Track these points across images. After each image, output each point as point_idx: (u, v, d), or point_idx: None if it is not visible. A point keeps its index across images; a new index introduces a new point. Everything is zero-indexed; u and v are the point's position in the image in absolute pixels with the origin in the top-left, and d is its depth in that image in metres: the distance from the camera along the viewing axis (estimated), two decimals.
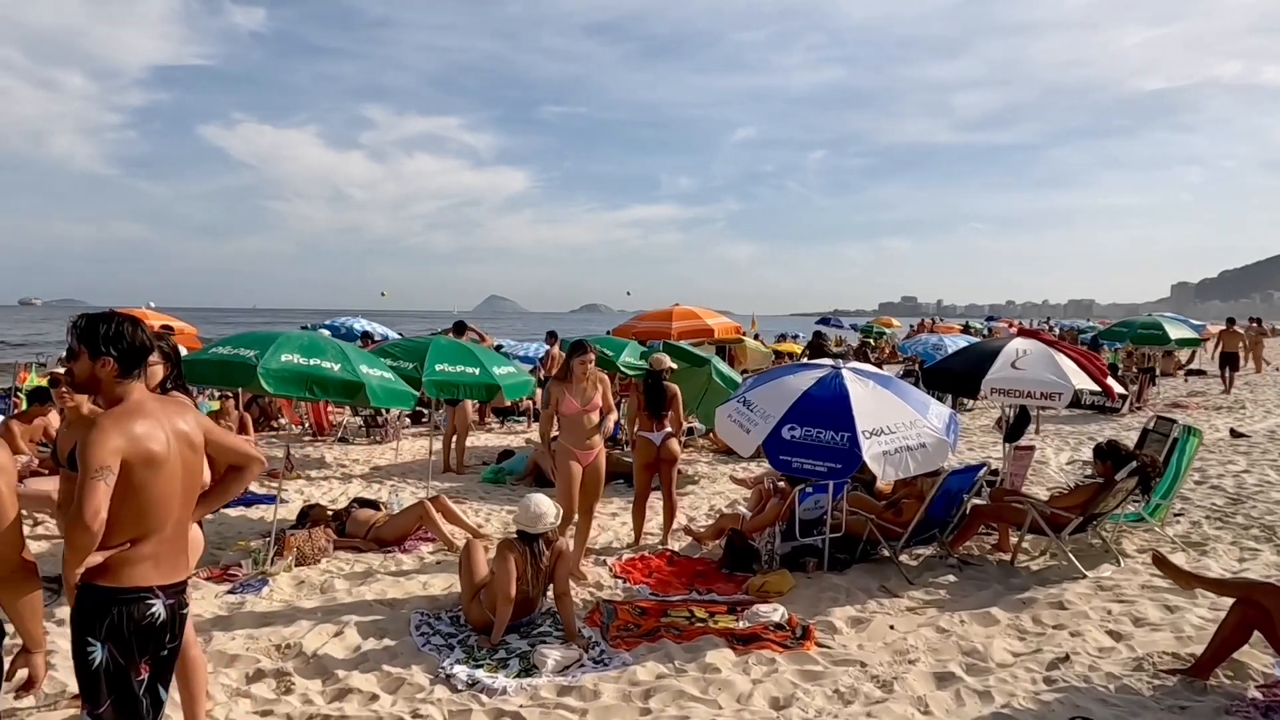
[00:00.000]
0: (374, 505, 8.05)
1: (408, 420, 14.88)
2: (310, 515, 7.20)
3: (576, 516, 5.92)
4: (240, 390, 7.69)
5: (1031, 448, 7.18)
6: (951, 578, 5.88)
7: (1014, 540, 6.21)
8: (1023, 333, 6.79)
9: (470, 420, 10.48)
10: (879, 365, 17.66)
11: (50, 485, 7.11)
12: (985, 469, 6.08)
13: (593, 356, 5.73)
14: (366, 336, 14.44)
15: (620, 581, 6.00)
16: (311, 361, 5.78)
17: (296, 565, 6.33)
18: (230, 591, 5.78)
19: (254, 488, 9.06)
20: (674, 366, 7.25)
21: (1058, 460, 10.53)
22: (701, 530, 7.21)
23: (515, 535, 4.89)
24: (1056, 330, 31.72)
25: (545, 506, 4.80)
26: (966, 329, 27.50)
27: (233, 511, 8.02)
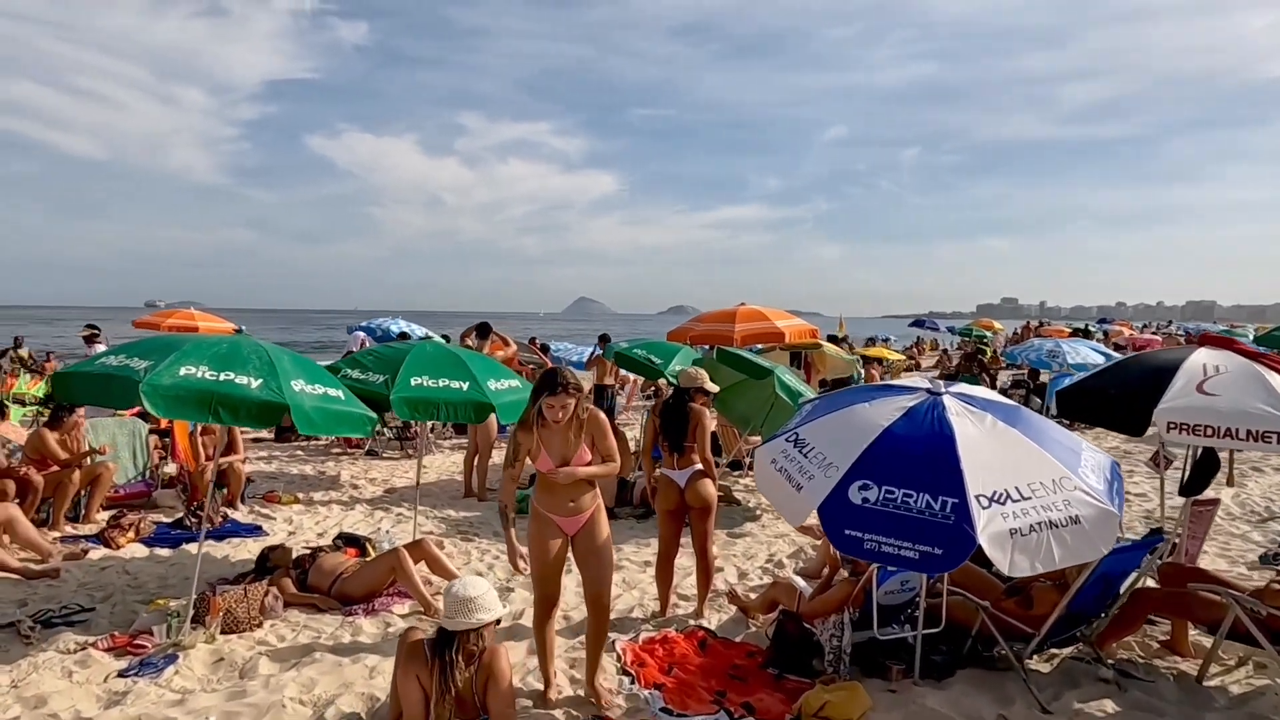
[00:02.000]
0: (359, 544, 6.69)
1: (450, 430, 13.64)
2: (271, 559, 5.86)
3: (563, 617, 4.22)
4: None
5: (1215, 502, 5.16)
6: (1109, 703, 3.99)
7: (1191, 633, 4.28)
8: (1208, 341, 4.77)
9: (494, 437, 9.02)
10: (990, 380, 15.26)
11: None
12: (1164, 544, 4.15)
13: (570, 399, 3.77)
14: (403, 338, 13.30)
15: (627, 681, 4.37)
16: (222, 376, 4.39)
17: (225, 632, 4.97)
18: (123, 672, 4.45)
19: (240, 516, 7.87)
20: (712, 387, 5.54)
21: (1241, 510, 8.28)
22: (750, 599, 5.50)
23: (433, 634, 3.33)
24: (1181, 334, 28.11)
25: (479, 589, 3.23)
26: (1084, 333, 24.51)
27: (195, 547, 6.80)
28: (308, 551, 6.12)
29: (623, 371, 11.75)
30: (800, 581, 5.01)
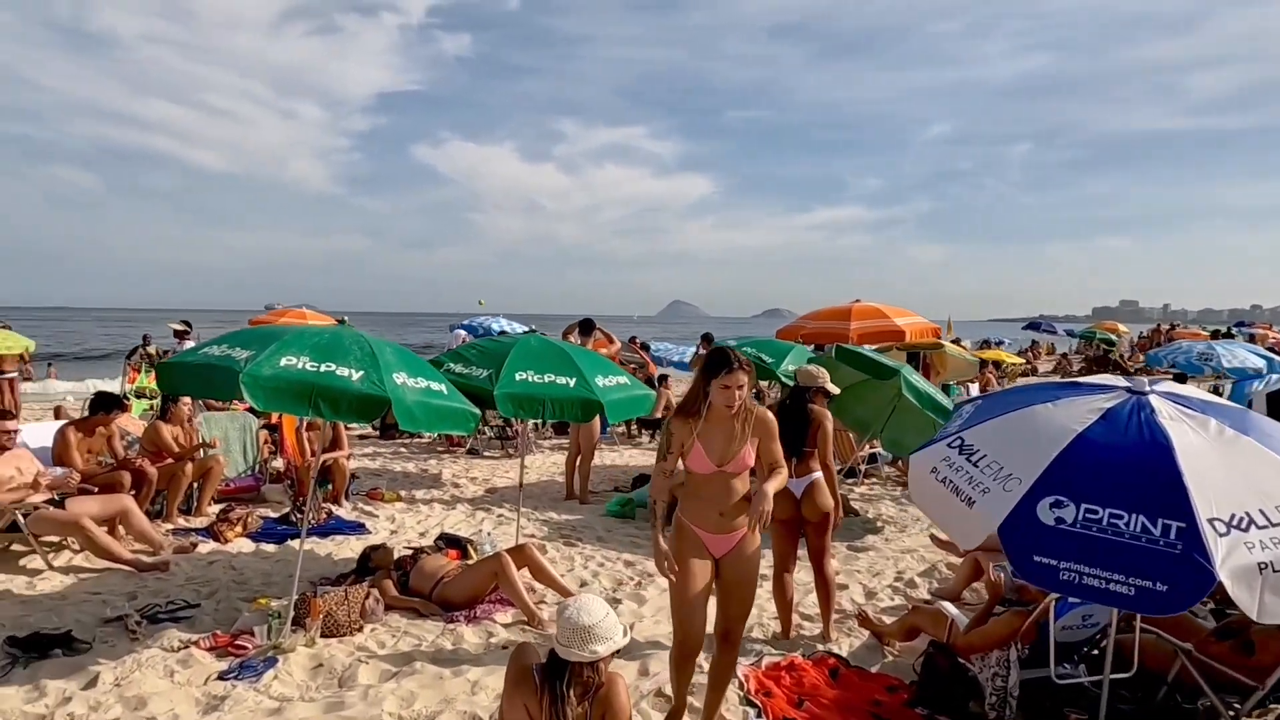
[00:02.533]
0: (461, 546, 6.45)
1: (550, 430, 13.45)
2: (372, 559, 5.66)
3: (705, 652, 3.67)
4: None
5: None
6: None
7: None
8: None
9: (596, 438, 8.68)
10: None
11: (92, 507, 6.05)
12: None
13: (743, 376, 3.29)
14: (503, 336, 13.18)
15: (753, 713, 3.89)
16: (323, 367, 4.15)
17: (325, 636, 4.76)
18: (223, 674, 4.28)
19: (344, 512, 7.79)
20: (833, 388, 5.01)
21: None
22: (884, 623, 4.92)
23: (544, 660, 2.92)
24: None
25: (596, 615, 2.82)
26: (1225, 336, 22.36)
27: (299, 543, 6.72)
28: (409, 552, 5.90)
29: None
30: (951, 608, 4.40)
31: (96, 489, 6.30)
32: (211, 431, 8.09)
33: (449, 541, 6.55)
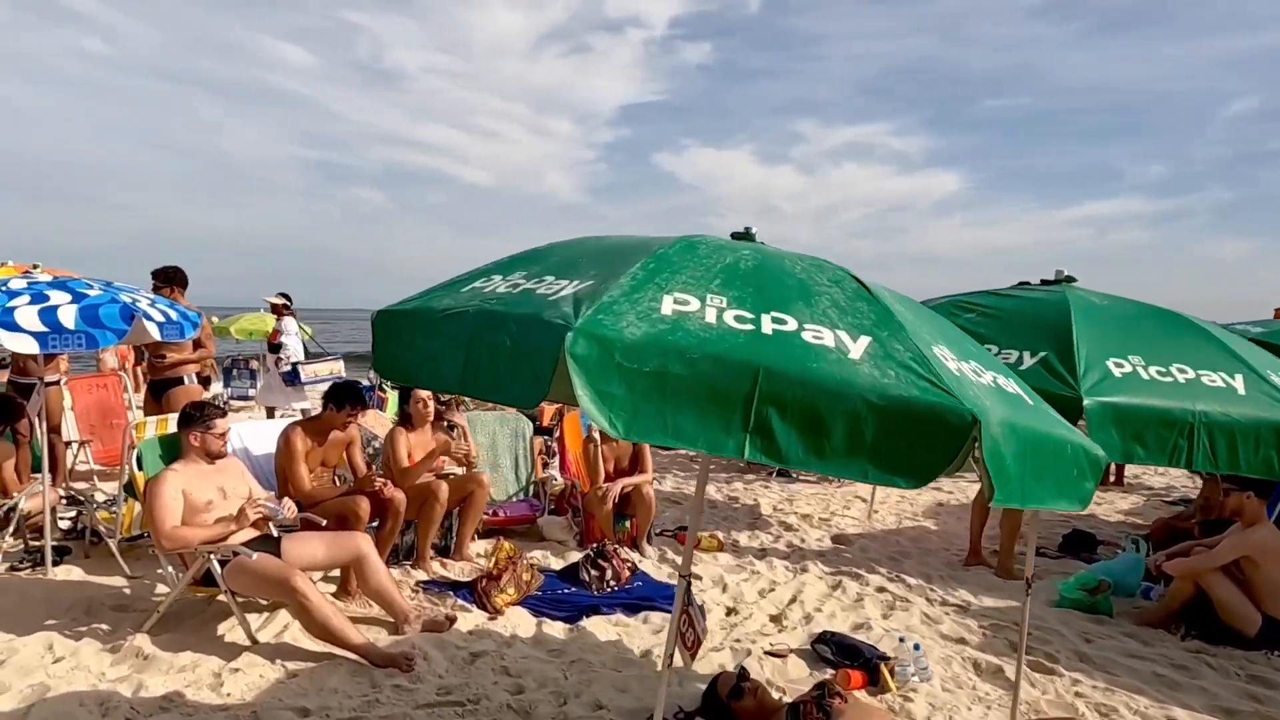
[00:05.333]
0: (869, 666, 3.69)
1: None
2: (728, 698, 3.06)
3: None
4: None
5: None
6: None
7: None
8: None
9: None
10: None
11: (315, 552, 4.02)
12: None
13: None
14: None
15: None
16: (773, 324, 1.48)
17: None
18: None
19: (651, 565, 5.33)
20: None
21: None
22: None
23: None
24: None
25: None
26: None
27: (604, 625, 4.28)
28: (806, 695, 3.22)
29: None
30: None
31: (325, 521, 4.29)
32: (476, 438, 6.02)
33: (842, 652, 3.84)
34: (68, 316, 4.08)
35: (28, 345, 3.96)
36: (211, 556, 3.78)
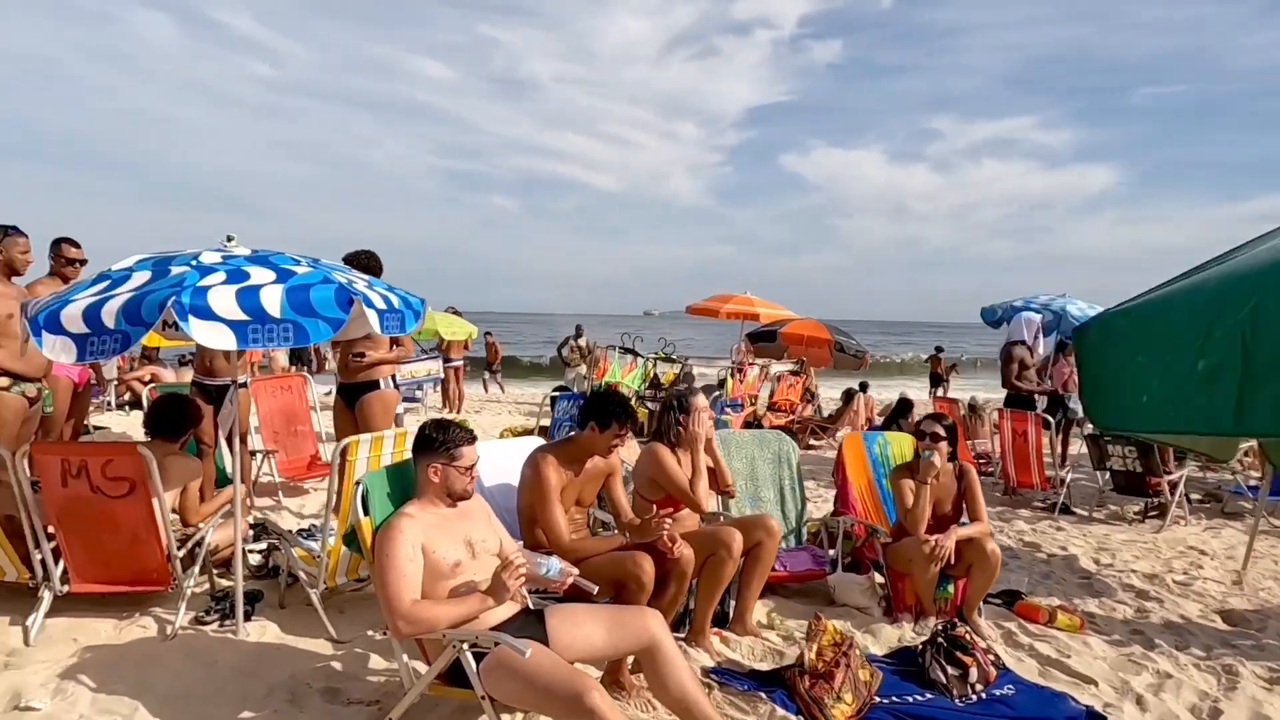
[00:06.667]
0: None
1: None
2: None
3: None
4: None
5: None
6: None
7: None
8: None
9: None
10: None
11: (594, 637, 2.80)
12: None
13: None
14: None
15: None
16: None
17: None
18: None
19: (1008, 657, 3.82)
20: None
21: None
22: None
23: None
24: None
25: None
26: None
27: None
28: None
29: None
30: None
31: (596, 588, 3.04)
32: (731, 463, 4.68)
33: None
34: (272, 300, 3.03)
35: (223, 339, 2.93)
36: (464, 646, 2.60)
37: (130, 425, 8.88)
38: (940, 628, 3.61)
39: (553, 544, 3.31)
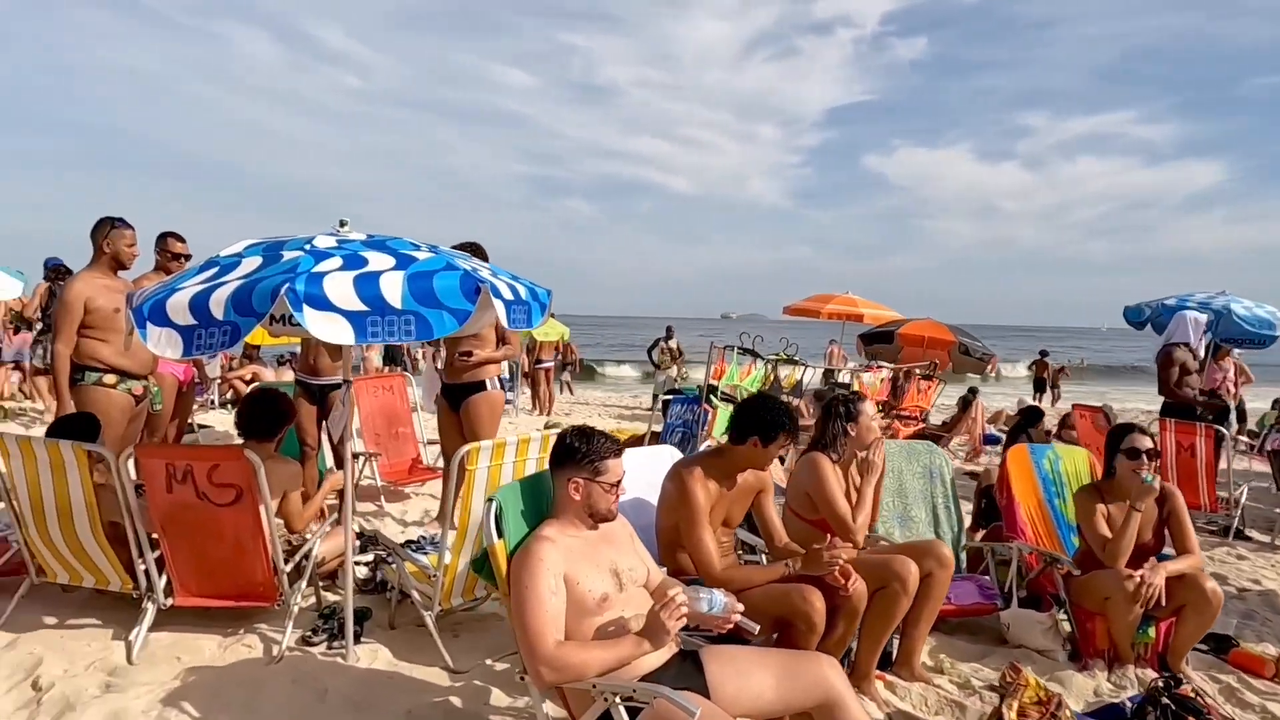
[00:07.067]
0: None
1: None
2: None
3: None
4: None
5: None
6: None
7: None
8: None
9: None
10: None
11: (762, 682, 2.33)
12: None
13: None
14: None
15: None
16: None
17: None
18: None
19: None
20: None
21: None
22: None
23: None
24: None
25: None
26: None
27: None
28: None
29: None
30: None
31: (757, 628, 2.57)
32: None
33: None
34: (393, 289, 2.67)
35: (340, 333, 2.58)
36: (617, 700, 2.18)
37: (230, 423, 8.88)
38: (1160, 684, 3.00)
39: (701, 571, 2.86)
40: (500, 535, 2.43)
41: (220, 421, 9.18)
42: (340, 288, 2.62)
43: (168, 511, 3.23)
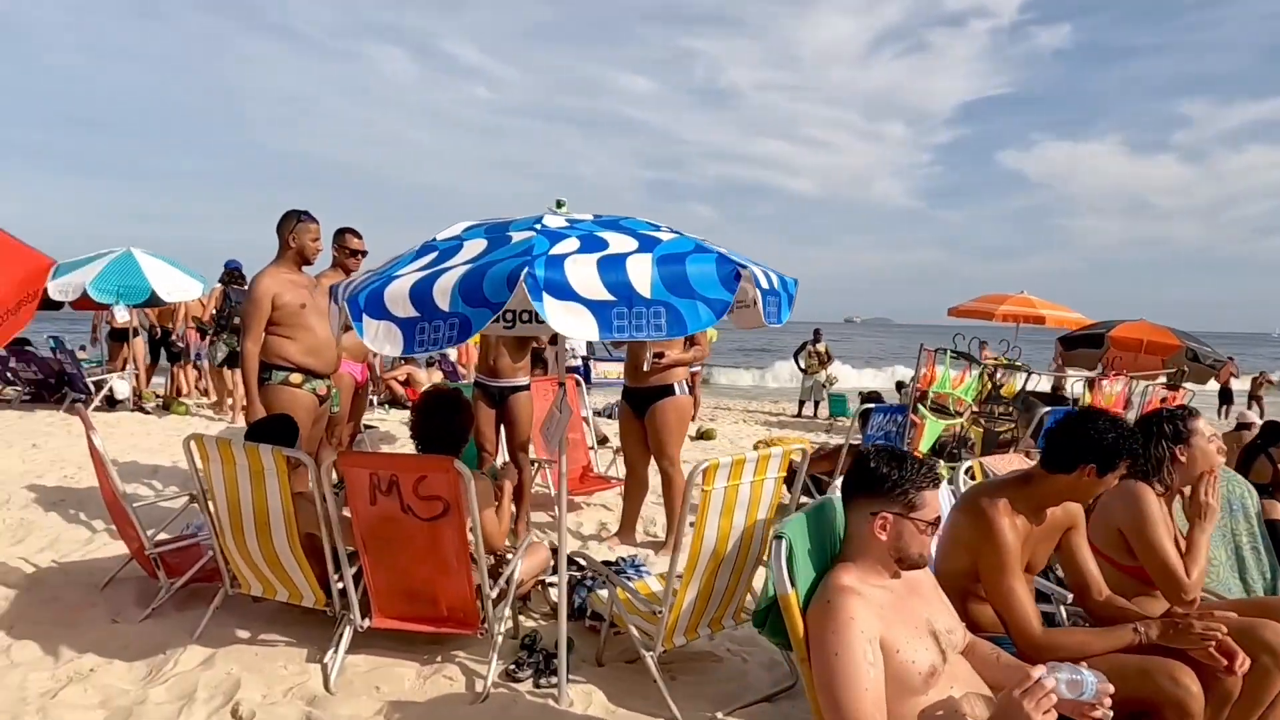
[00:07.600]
0: None
1: None
2: None
3: None
4: None
5: None
6: None
7: None
8: None
9: None
10: None
11: None
12: None
13: None
14: None
15: None
16: None
17: None
18: None
19: None
20: None
21: None
22: None
23: None
24: None
25: None
26: None
27: None
28: None
29: None
30: None
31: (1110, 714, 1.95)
32: None
33: None
34: (641, 276, 2.23)
35: (583, 326, 2.16)
36: None
37: (391, 425, 8.88)
38: None
39: (1014, 632, 2.26)
40: (794, 584, 1.92)
41: (379, 421, 9.21)
42: (583, 273, 2.20)
43: (370, 525, 2.93)
